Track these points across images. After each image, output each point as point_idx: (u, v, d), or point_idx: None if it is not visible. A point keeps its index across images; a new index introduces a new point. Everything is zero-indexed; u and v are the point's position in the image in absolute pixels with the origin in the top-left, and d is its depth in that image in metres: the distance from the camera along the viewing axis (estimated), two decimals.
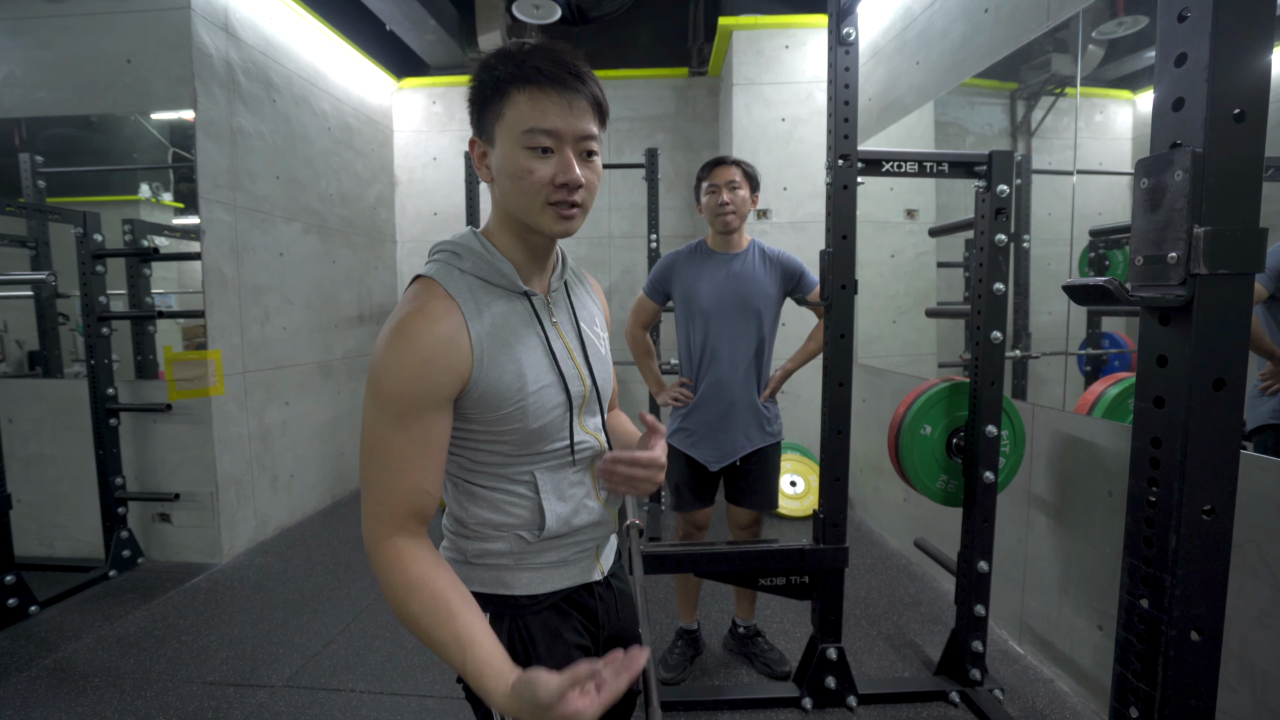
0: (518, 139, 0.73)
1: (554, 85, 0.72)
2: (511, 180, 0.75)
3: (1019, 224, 2.52)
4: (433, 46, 4.19)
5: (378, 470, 0.73)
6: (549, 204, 0.75)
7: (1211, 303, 0.67)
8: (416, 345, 0.71)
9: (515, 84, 0.73)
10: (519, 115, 0.73)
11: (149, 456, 2.92)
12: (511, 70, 0.73)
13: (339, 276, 3.90)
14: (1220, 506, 0.69)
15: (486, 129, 0.76)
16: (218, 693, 1.95)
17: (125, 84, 2.79)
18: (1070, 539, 1.95)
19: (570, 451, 0.84)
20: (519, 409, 0.78)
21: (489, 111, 0.75)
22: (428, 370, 0.72)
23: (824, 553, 1.82)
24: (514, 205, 0.77)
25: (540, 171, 0.73)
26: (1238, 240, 0.65)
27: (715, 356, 1.90)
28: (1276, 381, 1.73)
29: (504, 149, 0.75)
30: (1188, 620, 0.70)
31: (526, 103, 0.73)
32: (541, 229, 0.77)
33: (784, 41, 3.68)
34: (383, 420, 0.72)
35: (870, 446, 3.36)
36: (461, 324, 0.74)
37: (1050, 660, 2.03)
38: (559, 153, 0.74)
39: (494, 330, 0.77)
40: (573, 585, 0.88)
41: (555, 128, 0.73)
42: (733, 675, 2.05)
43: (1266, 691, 1.37)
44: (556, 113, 0.73)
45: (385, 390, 0.72)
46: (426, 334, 0.72)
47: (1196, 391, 0.68)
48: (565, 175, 0.74)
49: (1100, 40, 2.21)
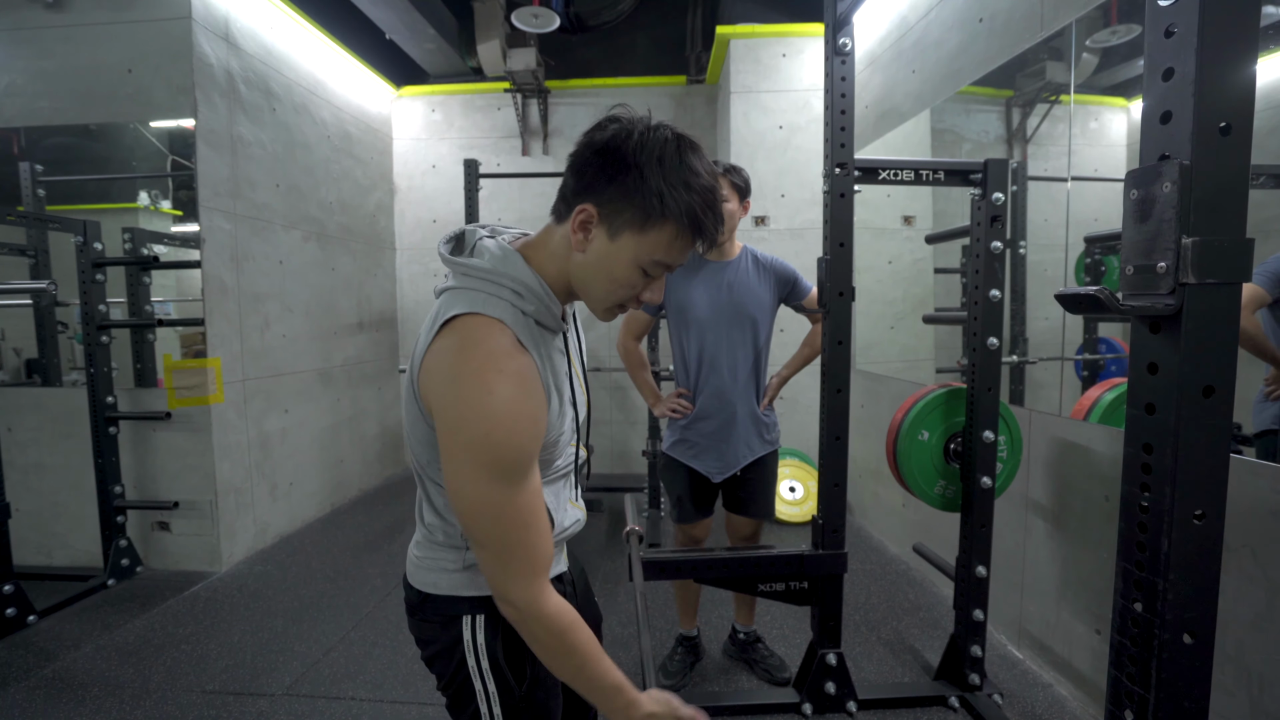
0: (642, 260, 0.76)
1: (706, 238, 0.77)
2: (608, 280, 0.78)
3: (1015, 230, 2.54)
4: (432, 55, 4.22)
5: (516, 531, 0.74)
6: (614, 305, 0.81)
7: (1200, 311, 0.68)
8: (520, 404, 0.72)
9: (679, 224, 0.74)
10: (660, 246, 0.75)
11: (148, 465, 2.92)
12: (684, 206, 0.73)
13: (338, 284, 3.91)
14: (1211, 511, 0.70)
15: (615, 222, 0.74)
16: (217, 701, 1.95)
17: (126, 93, 2.81)
18: (1068, 544, 1.96)
19: (573, 469, 0.92)
20: (556, 438, 0.83)
21: (631, 210, 0.73)
22: (534, 424, 0.74)
23: (823, 558, 1.82)
24: (588, 287, 0.80)
25: (637, 289, 0.79)
26: (1225, 250, 0.67)
27: (714, 367, 1.90)
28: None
29: (622, 254, 0.75)
30: (1180, 623, 0.71)
31: (675, 243, 0.75)
32: (594, 312, 0.83)
33: (781, 50, 3.71)
34: (504, 489, 0.72)
35: (869, 452, 3.37)
36: (537, 374, 0.76)
37: (1049, 665, 2.03)
38: (659, 279, 0.79)
39: (552, 373, 0.81)
40: (553, 576, 0.92)
41: (676, 265, 0.78)
42: (733, 681, 2.05)
43: (1263, 694, 1.38)
44: (684, 254, 0.78)
45: (504, 461, 0.71)
46: (523, 393, 0.72)
47: (1187, 398, 0.69)
48: (649, 297, 0.80)
49: (1094, 48, 2.23)
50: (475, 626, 0.87)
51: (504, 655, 0.87)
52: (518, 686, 0.88)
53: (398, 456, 4.67)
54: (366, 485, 4.22)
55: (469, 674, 0.87)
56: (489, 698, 0.87)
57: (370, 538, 3.34)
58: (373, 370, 4.31)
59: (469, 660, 0.86)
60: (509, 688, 0.88)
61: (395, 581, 2.79)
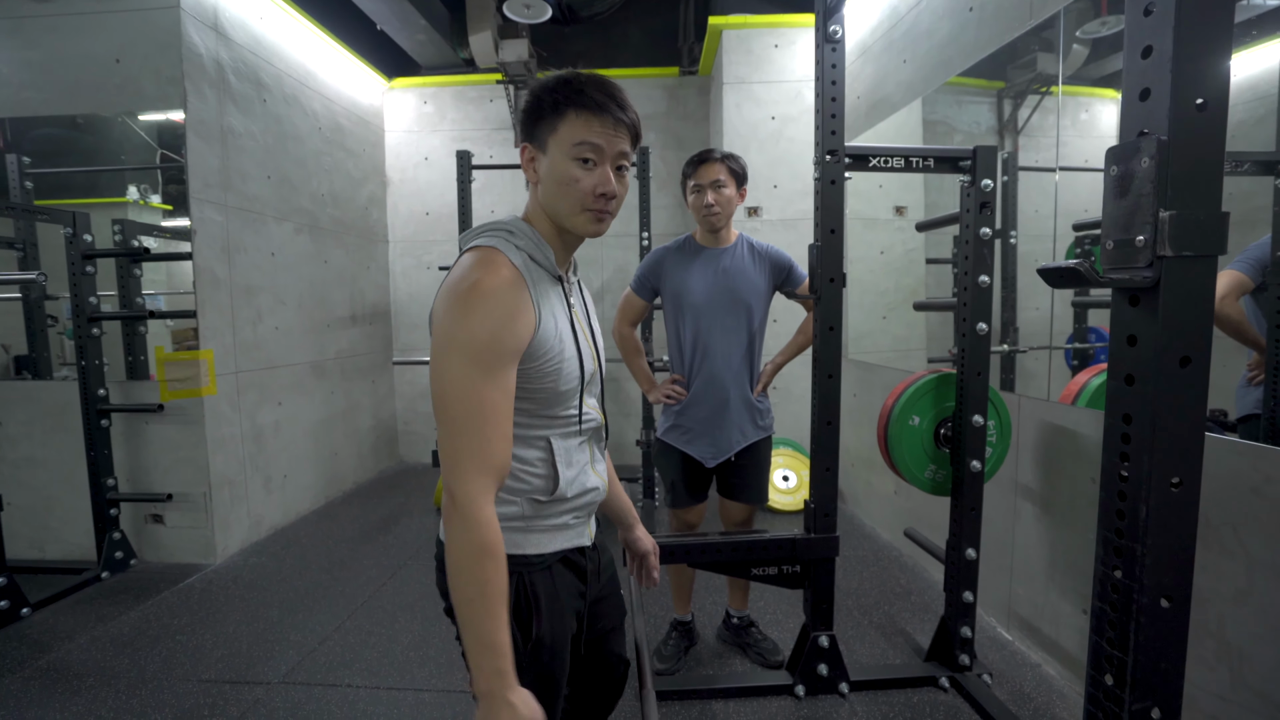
0: (568, 150, 0.86)
1: (602, 110, 0.86)
2: (558, 185, 0.88)
3: (1006, 220, 2.57)
4: (424, 46, 4.19)
5: (473, 420, 0.79)
6: (586, 209, 0.88)
7: (1177, 284, 0.70)
8: (500, 301, 0.81)
9: (572, 106, 0.86)
10: (572, 131, 0.86)
11: (141, 458, 2.91)
12: (570, 94, 0.86)
13: (331, 277, 3.90)
14: (1188, 478, 0.72)
15: (539, 138, 0.89)
16: (214, 690, 1.95)
17: (114, 84, 2.78)
18: (1056, 526, 1.99)
19: (578, 421, 0.96)
20: (556, 369, 0.89)
21: (543, 124, 0.88)
22: (512, 324, 0.82)
23: (815, 542, 1.85)
24: (556, 206, 0.89)
25: (584, 181, 0.87)
26: (1201, 224, 0.69)
27: (708, 352, 1.92)
28: (1263, 371, 1.78)
29: (554, 157, 0.87)
30: (1158, 588, 0.73)
31: (579, 122, 0.86)
32: (577, 229, 0.91)
33: (774, 41, 3.71)
34: (474, 373, 0.79)
35: (861, 441, 3.40)
36: (525, 285, 0.85)
37: (1037, 645, 2.07)
38: (600, 166, 0.88)
39: (544, 296, 0.89)
40: (571, 547, 0.97)
41: (599, 144, 0.86)
42: (727, 665, 2.08)
43: (1243, 667, 1.41)
44: (601, 132, 0.86)
45: (477, 343, 0.79)
46: (506, 292, 0.82)
47: (1165, 369, 0.71)
48: (604, 186, 0.87)
49: (1084, 39, 2.25)
50: None
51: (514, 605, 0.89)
52: (522, 645, 0.90)
53: (392, 450, 4.66)
54: (361, 479, 4.22)
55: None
56: None
57: (365, 529, 3.35)
58: (366, 364, 4.30)
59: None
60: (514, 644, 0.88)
61: (391, 572, 2.80)
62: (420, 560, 2.94)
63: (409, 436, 4.71)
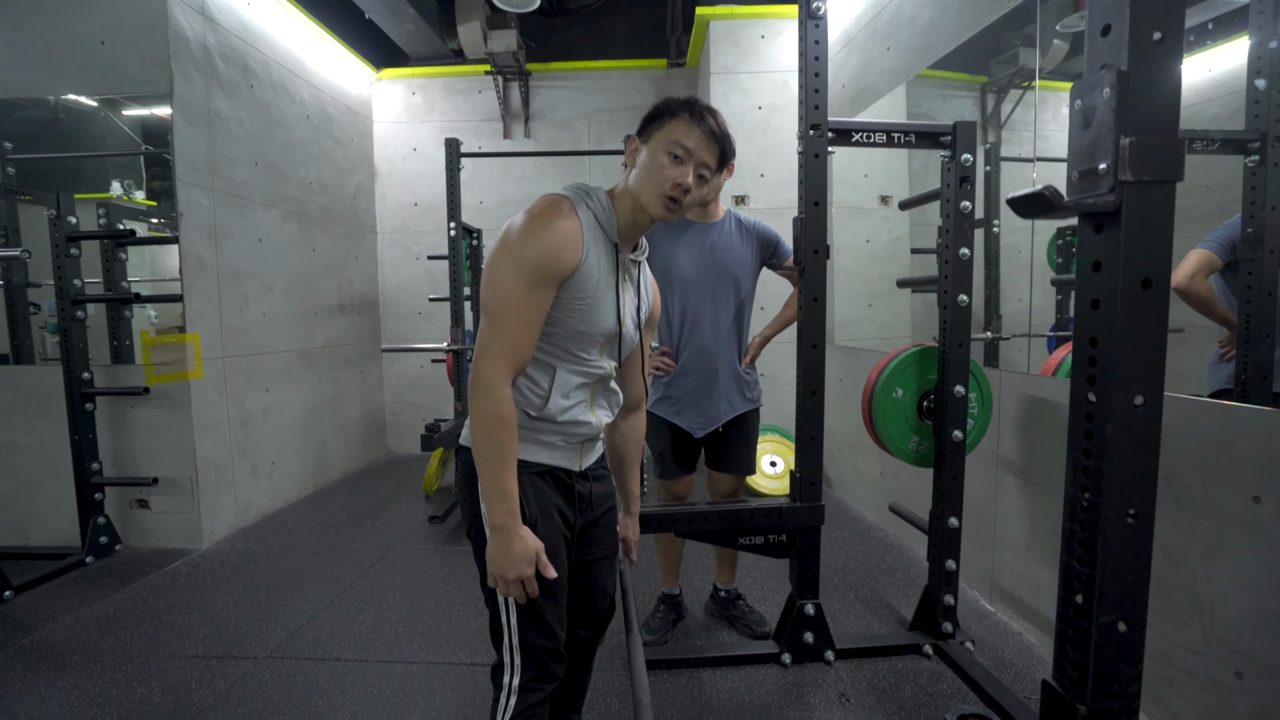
0: (664, 145, 1.02)
1: (702, 122, 1.02)
2: (647, 171, 1.02)
3: (989, 210, 2.63)
4: (412, 36, 4.20)
5: (509, 319, 0.96)
6: (664, 194, 1.01)
7: (1138, 208, 0.73)
8: (556, 232, 0.96)
9: (683, 113, 1.03)
10: (672, 131, 1.02)
11: (126, 442, 2.89)
12: (683, 106, 1.03)
13: (319, 265, 3.89)
14: (1150, 398, 0.75)
15: (647, 134, 1.05)
16: (200, 665, 1.95)
17: (99, 66, 2.77)
18: (1036, 496, 2.03)
19: (588, 365, 1.07)
20: (585, 307, 1.02)
21: (654, 124, 1.04)
22: (560, 252, 0.97)
23: (800, 510, 1.87)
24: (640, 187, 1.03)
25: (668, 171, 1.01)
26: (1159, 150, 0.72)
27: (696, 324, 1.95)
28: (1233, 348, 1.83)
29: (652, 149, 1.03)
30: (1124, 503, 0.76)
31: (681, 127, 1.02)
32: (650, 210, 1.03)
33: (760, 31, 3.76)
34: (519, 284, 0.95)
35: (847, 425, 3.44)
36: (580, 230, 1.00)
37: (1019, 615, 2.11)
38: (685, 165, 1.02)
39: (594, 245, 1.02)
40: (557, 465, 1.10)
41: (690, 147, 1.01)
42: (714, 637, 2.10)
43: (1214, 623, 1.45)
44: (696, 140, 1.02)
45: (528, 259, 0.95)
46: (563, 227, 0.97)
47: (1128, 291, 0.74)
48: (683, 180, 1.01)
49: (1064, 34, 2.31)
50: None
51: None
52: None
53: (380, 440, 4.65)
54: (349, 468, 4.20)
55: (482, 523, 1.01)
56: None
57: (354, 515, 3.34)
58: (354, 353, 4.29)
59: (482, 508, 1.01)
60: None
61: (380, 554, 2.80)
62: (409, 543, 2.94)
63: (398, 428, 4.70)
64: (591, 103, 4.50)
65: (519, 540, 0.96)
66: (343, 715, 1.71)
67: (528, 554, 0.96)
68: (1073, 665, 0.81)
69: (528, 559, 0.96)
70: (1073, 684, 0.80)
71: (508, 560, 0.95)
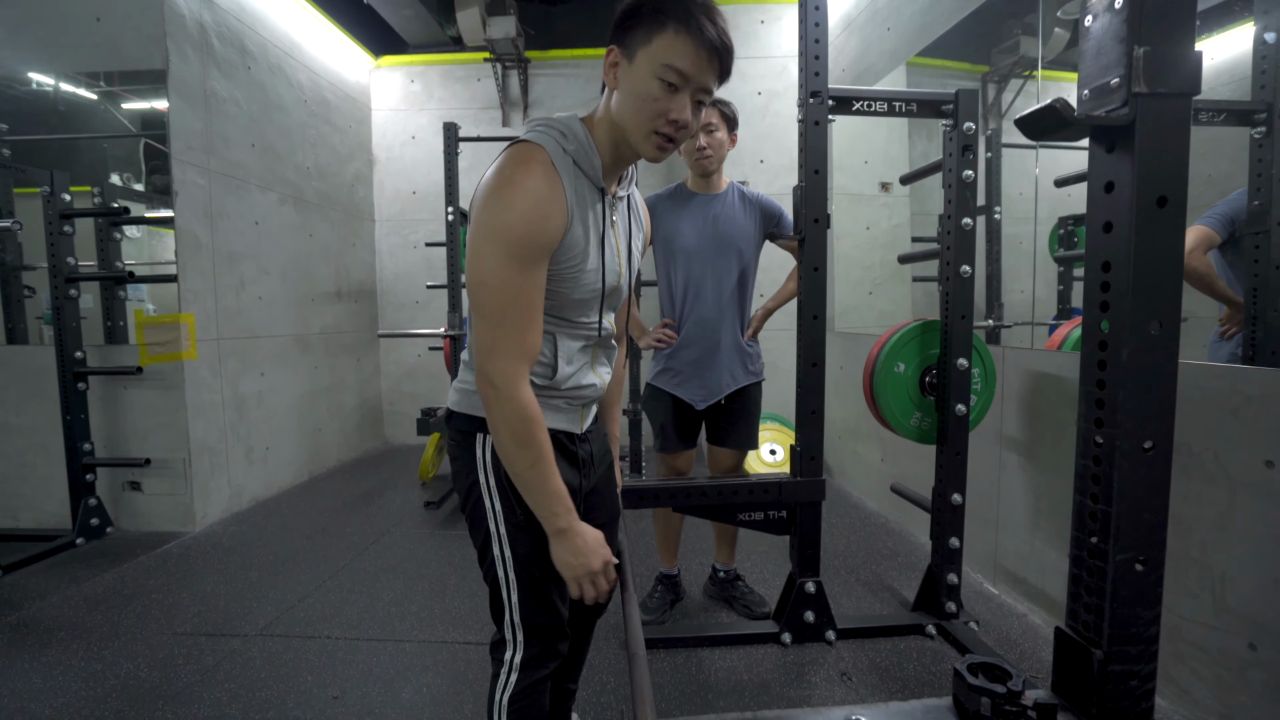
0: (655, 68, 0.82)
1: (701, 35, 0.81)
2: (634, 99, 0.84)
3: (990, 198, 2.60)
4: (410, 23, 4.18)
5: (511, 312, 0.83)
6: (656, 132, 0.85)
7: (1152, 121, 0.69)
8: (536, 198, 0.81)
9: (674, 22, 0.81)
10: (664, 50, 0.81)
11: (119, 424, 2.85)
12: (676, 9, 0.81)
13: (316, 250, 3.86)
14: (1167, 321, 0.71)
15: (629, 45, 0.84)
16: (188, 642, 1.91)
17: (94, 43, 2.74)
18: (1040, 473, 2.00)
19: (587, 329, 0.97)
20: (574, 276, 0.90)
21: (638, 31, 0.83)
22: (546, 220, 0.83)
23: (801, 485, 1.84)
24: (625, 119, 0.86)
25: (661, 103, 0.83)
26: (1174, 60, 0.68)
27: (699, 295, 1.92)
28: (1234, 325, 1.80)
29: (639, 70, 0.83)
30: (1140, 434, 0.72)
31: (676, 42, 0.81)
32: (638, 149, 0.88)
33: (759, 17, 3.73)
34: (509, 265, 0.81)
35: (848, 411, 3.40)
36: (560, 187, 0.85)
37: (1023, 596, 2.07)
38: (681, 93, 0.83)
39: (579, 202, 0.88)
40: (562, 429, 1.01)
41: (687, 72, 0.82)
42: (713, 618, 2.06)
43: (1226, 592, 1.41)
44: (694, 60, 0.81)
45: (514, 235, 0.81)
46: (543, 189, 0.82)
47: (1142, 210, 0.70)
48: (679, 113, 0.84)
49: (1065, 21, 2.28)
50: (485, 445, 0.96)
51: (509, 477, 0.92)
52: (518, 508, 0.94)
53: (377, 429, 4.61)
54: (345, 456, 4.17)
55: (480, 491, 0.96)
56: (495, 515, 0.96)
57: (349, 501, 3.30)
58: (351, 341, 4.25)
59: (480, 476, 0.96)
60: (511, 507, 0.95)
61: (374, 538, 2.76)
62: (404, 527, 2.90)
63: (395, 417, 4.67)
64: (590, 90, 4.47)
65: (580, 537, 0.90)
66: (332, 691, 1.67)
67: (599, 538, 0.92)
68: (1087, 609, 0.77)
69: (600, 541, 0.91)
70: (1088, 628, 0.77)
71: (584, 555, 0.89)
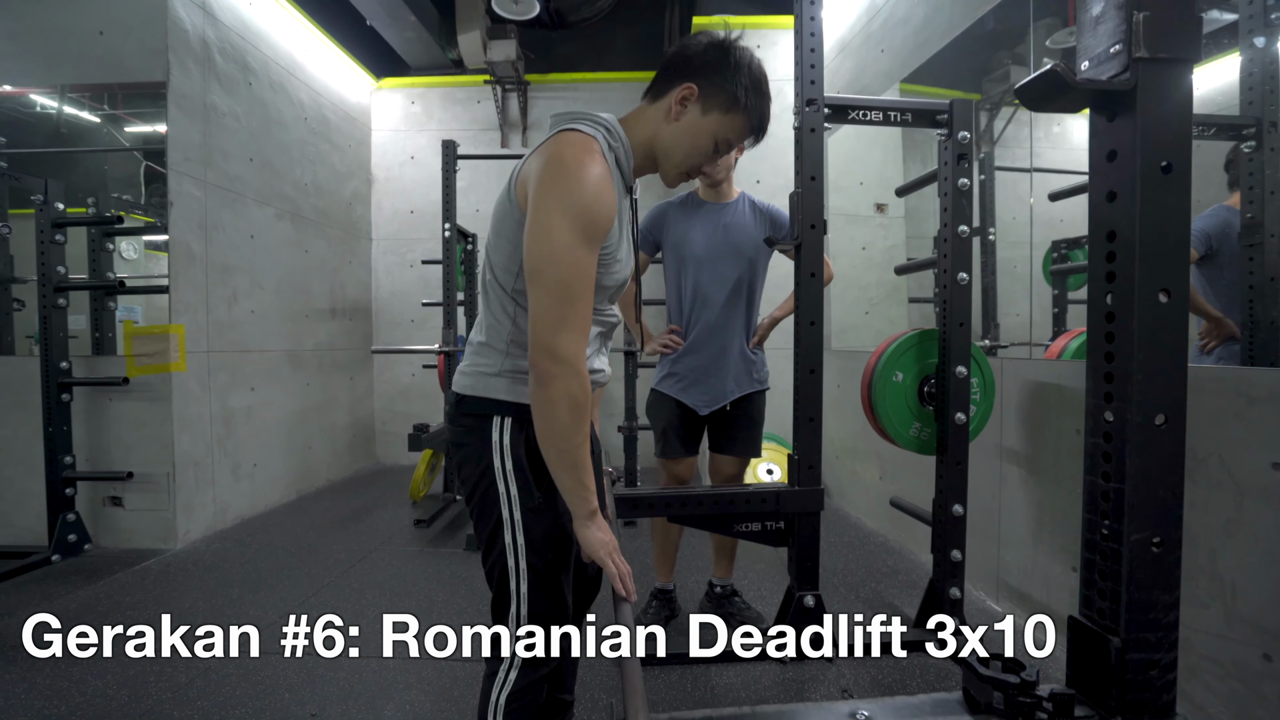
0: (718, 133, 0.98)
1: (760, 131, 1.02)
2: (689, 143, 0.98)
3: (985, 218, 2.63)
4: (412, 44, 4.25)
5: (579, 287, 0.84)
6: (685, 172, 1.01)
7: (1154, 87, 0.69)
8: (604, 182, 0.86)
9: (752, 116, 0.99)
10: (732, 127, 0.98)
11: (102, 437, 2.79)
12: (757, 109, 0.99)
13: (311, 267, 3.85)
14: (1176, 290, 0.70)
15: (709, 99, 0.96)
16: (160, 659, 1.82)
17: (96, 56, 2.77)
18: (1042, 485, 1.96)
19: (602, 315, 1.02)
20: (609, 263, 0.94)
21: (722, 97, 0.96)
22: (610, 206, 0.87)
23: (799, 494, 1.79)
24: (671, 150, 0.99)
25: (706, 157, 1.00)
26: (1175, 24, 0.68)
27: (706, 302, 1.92)
28: (1212, 339, 1.81)
29: (706, 125, 0.97)
30: (1151, 407, 0.70)
31: (743, 130, 1.00)
32: (665, 176, 1.02)
33: (756, 41, 3.81)
34: (580, 243, 0.84)
35: (846, 431, 3.36)
36: (611, 179, 0.89)
37: (1029, 612, 2.01)
38: (722, 155, 1.05)
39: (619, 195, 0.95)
40: None
41: (737, 144, 1.02)
42: (708, 634, 1.98)
43: (1237, 601, 1.37)
44: (744, 137, 1.02)
45: (588, 215, 0.83)
46: (606, 176, 0.87)
47: (1147, 178, 0.69)
48: (709, 167, 1.08)
49: (1054, 50, 2.34)
50: (503, 428, 0.95)
51: (526, 459, 0.94)
52: (536, 491, 0.94)
53: (369, 450, 4.54)
54: (335, 476, 4.09)
55: (494, 476, 0.94)
56: (510, 500, 0.94)
57: (337, 519, 3.22)
58: (344, 359, 4.22)
59: (494, 460, 0.94)
60: (529, 490, 0.94)
61: (361, 555, 2.68)
62: (393, 545, 2.82)
63: (387, 436, 4.60)
64: None
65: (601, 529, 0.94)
66: (309, 709, 1.59)
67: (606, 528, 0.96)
68: (1102, 595, 0.74)
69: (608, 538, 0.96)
70: (1103, 616, 0.73)
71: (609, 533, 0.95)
